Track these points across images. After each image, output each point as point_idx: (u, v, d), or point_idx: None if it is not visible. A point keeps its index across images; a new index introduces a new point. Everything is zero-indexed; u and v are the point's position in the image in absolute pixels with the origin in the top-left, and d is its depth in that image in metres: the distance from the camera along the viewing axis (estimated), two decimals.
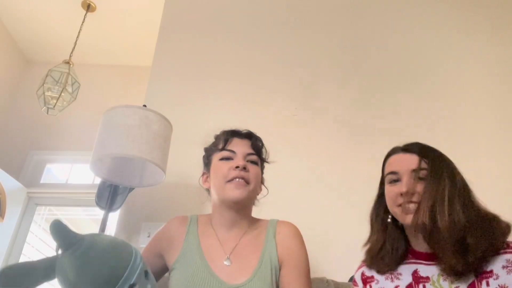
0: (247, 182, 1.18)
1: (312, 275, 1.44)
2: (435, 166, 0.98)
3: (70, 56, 2.93)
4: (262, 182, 1.29)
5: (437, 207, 0.91)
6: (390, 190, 1.01)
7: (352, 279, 1.12)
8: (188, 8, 2.33)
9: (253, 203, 1.27)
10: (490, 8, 2.20)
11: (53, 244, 0.82)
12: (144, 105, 1.65)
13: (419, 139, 1.10)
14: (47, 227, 3.12)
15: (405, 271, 0.98)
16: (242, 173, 1.17)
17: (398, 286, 0.97)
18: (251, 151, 1.24)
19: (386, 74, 2.08)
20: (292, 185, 1.81)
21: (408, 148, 1.04)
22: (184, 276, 1.11)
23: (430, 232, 0.91)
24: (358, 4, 2.28)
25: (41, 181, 3.12)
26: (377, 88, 2.04)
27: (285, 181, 1.80)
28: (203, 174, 1.30)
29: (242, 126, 1.30)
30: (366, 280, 1.04)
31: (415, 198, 0.95)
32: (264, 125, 1.92)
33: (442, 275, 0.92)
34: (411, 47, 2.14)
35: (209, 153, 1.28)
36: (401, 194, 0.96)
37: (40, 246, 3.02)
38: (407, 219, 0.95)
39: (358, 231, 1.69)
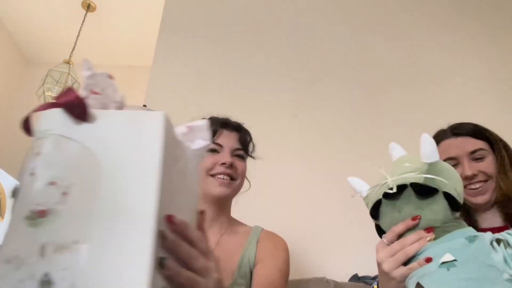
0: (232, 178, 1.15)
1: (312, 275, 1.44)
2: (493, 141, 1.06)
3: (70, 56, 2.93)
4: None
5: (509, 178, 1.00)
6: None
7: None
8: (188, 8, 2.33)
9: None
10: (489, 13, 2.21)
11: None
12: (144, 105, 1.65)
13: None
14: None
15: None
16: (228, 171, 1.13)
17: None
18: (239, 145, 1.19)
19: (386, 75, 2.08)
20: (292, 185, 1.81)
21: (459, 132, 1.09)
22: None
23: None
24: (359, 5, 2.28)
25: None
26: (377, 89, 2.05)
27: (285, 180, 1.80)
28: None
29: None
30: None
31: (480, 178, 1.02)
32: (264, 124, 1.92)
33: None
34: (412, 49, 2.14)
35: None
36: (466, 178, 1.02)
37: None
38: (478, 200, 1.02)
39: (358, 231, 1.70)
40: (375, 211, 0.80)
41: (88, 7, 3.02)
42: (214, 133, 1.17)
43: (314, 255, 1.67)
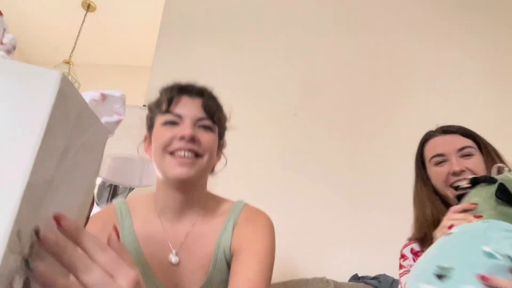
0: (197, 155, 0.89)
1: (312, 275, 1.44)
2: (480, 142, 1.07)
3: (70, 56, 2.94)
4: (220, 149, 1.00)
5: None
6: (439, 171, 1.05)
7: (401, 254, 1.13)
8: (188, 8, 2.34)
9: (207, 176, 0.98)
10: (488, 10, 2.21)
11: None
12: (144, 105, 1.65)
13: (418, 141, 1.12)
14: None
15: None
16: (190, 145, 0.88)
17: None
18: (203, 114, 0.93)
19: (386, 75, 2.08)
20: (293, 185, 1.81)
21: (448, 130, 1.09)
22: None
23: None
24: (360, 6, 2.28)
25: None
26: (377, 89, 2.05)
27: (285, 181, 1.80)
28: (145, 139, 1.01)
29: (242, 126, 1.22)
30: (416, 253, 1.08)
31: (467, 175, 1.01)
32: (264, 124, 1.92)
33: None
34: (412, 50, 2.14)
35: (151, 113, 0.99)
36: (453, 174, 1.02)
37: None
38: None
39: (358, 231, 1.70)
40: (461, 197, 0.87)
41: (88, 7, 3.02)
42: (170, 101, 0.93)
43: (314, 255, 1.67)
